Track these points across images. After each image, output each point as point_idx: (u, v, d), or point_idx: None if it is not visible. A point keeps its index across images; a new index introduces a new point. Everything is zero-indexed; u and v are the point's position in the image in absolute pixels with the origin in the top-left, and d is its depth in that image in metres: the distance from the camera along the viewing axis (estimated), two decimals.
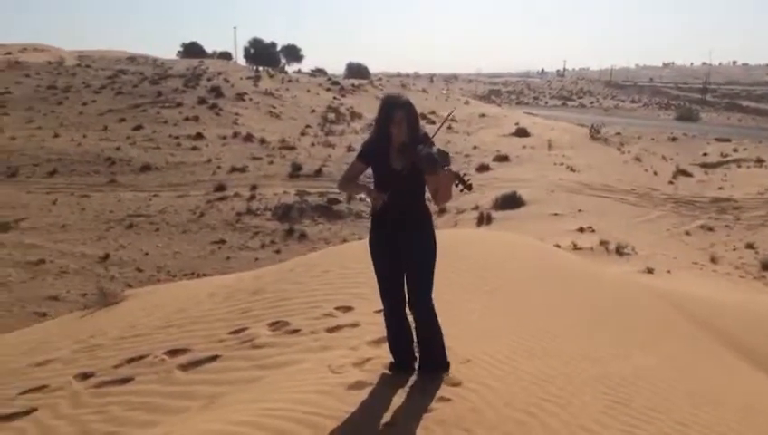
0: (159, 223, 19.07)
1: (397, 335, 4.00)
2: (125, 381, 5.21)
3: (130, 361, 5.60)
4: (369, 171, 3.88)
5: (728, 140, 35.47)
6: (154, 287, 11.36)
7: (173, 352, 5.50)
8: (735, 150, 32.19)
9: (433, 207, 3.91)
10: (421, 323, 3.86)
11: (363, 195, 3.76)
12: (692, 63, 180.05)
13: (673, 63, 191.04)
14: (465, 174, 3.57)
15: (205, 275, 14.55)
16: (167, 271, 15.48)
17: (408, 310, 3.91)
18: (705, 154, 31.87)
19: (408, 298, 3.85)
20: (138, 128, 30.76)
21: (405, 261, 3.82)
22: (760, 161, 29.05)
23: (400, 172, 3.65)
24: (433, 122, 32.51)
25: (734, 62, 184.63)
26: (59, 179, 23.32)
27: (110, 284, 13.43)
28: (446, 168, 3.47)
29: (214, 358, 5.15)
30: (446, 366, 3.96)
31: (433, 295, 3.85)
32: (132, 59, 57.99)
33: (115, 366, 5.57)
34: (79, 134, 28.93)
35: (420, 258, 3.80)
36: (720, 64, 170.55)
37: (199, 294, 7.62)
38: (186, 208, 20.33)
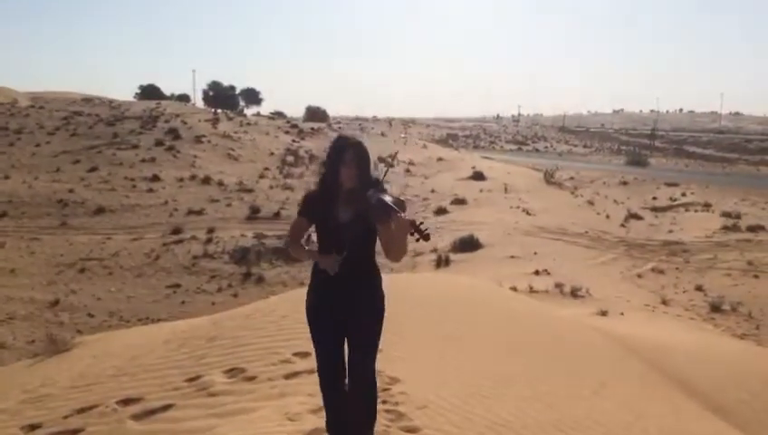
0: (113, 267, 18.66)
1: (338, 410, 3.49)
2: (75, 432, 5.04)
3: (81, 411, 5.43)
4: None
5: (676, 185, 36.67)
6: (106, 334, 11.07)
7: (125, 402, 5.36)
8: (684, 195, 33.25)
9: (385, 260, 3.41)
10: (356, 396, 3.41)
11: (314, 261, 3.21)
12: (641, 110, 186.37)
13: (623, 110, 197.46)
14: (421, 223, 3.00)
15: (159, 320, 14.23)
16: (119, 316, 15.10)
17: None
18: (654, 198, 32.83)
19: (348, 368, 3.40)
20: (92, 170, 30.29)
21: (349, 326, 3.35)
22: (707, 205, 30.02)
23: (348, 225, 3.20)
24: (391, 166, 32.82)
25: (681, 110, 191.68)
26: (8, 222, 22.69)
27: (59, 330, 13.00)
28: (400, 215, 2.94)
29: (168, 407, 5.03)
30: None
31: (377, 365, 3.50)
32: (88, 100, 57.39)
33: (64, 417, 5.40)
34: (31, 176, 28.34)
35: (367, 323, 3.35)
36: (667, 112, 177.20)
37: (153, 341, 7.46)
38: (140, 252, 19.97)
